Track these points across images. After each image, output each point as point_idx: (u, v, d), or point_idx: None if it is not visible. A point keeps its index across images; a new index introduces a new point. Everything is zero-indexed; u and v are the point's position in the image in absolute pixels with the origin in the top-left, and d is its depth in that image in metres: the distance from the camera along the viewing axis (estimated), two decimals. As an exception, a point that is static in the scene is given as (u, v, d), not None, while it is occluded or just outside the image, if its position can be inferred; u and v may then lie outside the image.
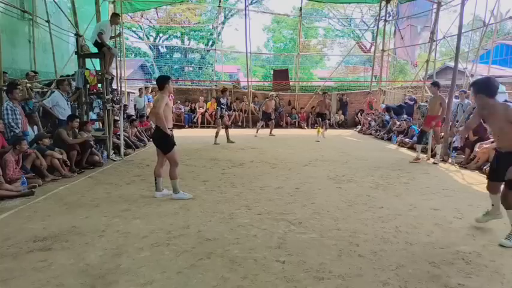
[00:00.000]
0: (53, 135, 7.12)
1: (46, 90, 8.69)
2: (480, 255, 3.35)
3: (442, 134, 8.09)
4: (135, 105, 14.09)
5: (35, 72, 9.01)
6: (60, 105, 7.82)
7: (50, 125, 7.97)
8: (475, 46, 13.87)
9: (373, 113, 15.16)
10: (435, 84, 8.24)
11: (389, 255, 3.35)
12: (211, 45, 25.37)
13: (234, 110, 16.83)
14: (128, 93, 14.54)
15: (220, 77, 21.00)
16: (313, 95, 17.51)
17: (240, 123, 16.61)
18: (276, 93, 17.51)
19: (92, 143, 7.47)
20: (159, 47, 26.39)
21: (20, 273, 2.99)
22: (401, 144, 10.92)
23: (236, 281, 2.87)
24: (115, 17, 8.33)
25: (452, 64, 9.91)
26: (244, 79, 19.55)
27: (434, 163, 8.12)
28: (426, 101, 12.62)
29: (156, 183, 5.31)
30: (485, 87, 3.68)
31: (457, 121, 9.17)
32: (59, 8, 9.71)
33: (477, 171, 7.21)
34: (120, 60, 12.30)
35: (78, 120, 7.38)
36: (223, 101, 11.22)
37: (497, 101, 3.74)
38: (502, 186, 3.81)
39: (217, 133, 10.95)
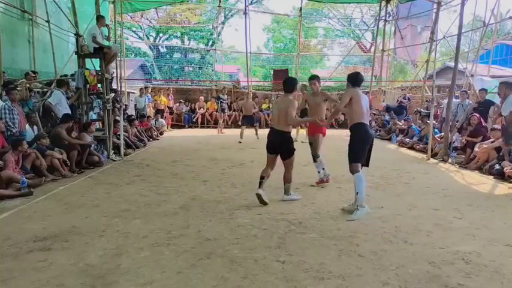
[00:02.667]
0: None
1: (46, 90, 8.68)
2: (480, 255, 3.34)
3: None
4: (135, 105, 14.10)
5: (35, 72, 9.01)
6: (62, 103, 7.86)
7: (50, 125, 7.96)
8: (475, 46, 13.84)
9: (373, 113, 15.13)
10: (316, 78, 6.04)
11: (389, 255, 3.35)
12: (211, 45, 25.36)
13: (234, 110, 16.81)
14: (128, 93, 14.53)
15: (220, 77, 20.99)
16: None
17: (240, 123, 16.58)
18: (277, 93, 17.51)
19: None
20: (159, 47, 26.40)
21: (20, 273, 2.98)
22: (401, 144, 10.93)
23: (236, 281, 2.87)
24: (101, 19, 8.35)
25: (452, 64, 9.89)
26: (244, 79, 19.54)
27: (318, 183, 6.08)
28: (427, 103, 12.62)
29: (260, 182, 4.94)
30: (350, 79, 4.87)
31: (457, 121, 9.16)
32: (59, 8, 9.69)
33: (477, 171, 7.21)
34: (120, 60, 12.28)
35: (71, 120, 7.36)
36: (223, 97, 11.67)
37: (354, 89, 4.77)
38: None
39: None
